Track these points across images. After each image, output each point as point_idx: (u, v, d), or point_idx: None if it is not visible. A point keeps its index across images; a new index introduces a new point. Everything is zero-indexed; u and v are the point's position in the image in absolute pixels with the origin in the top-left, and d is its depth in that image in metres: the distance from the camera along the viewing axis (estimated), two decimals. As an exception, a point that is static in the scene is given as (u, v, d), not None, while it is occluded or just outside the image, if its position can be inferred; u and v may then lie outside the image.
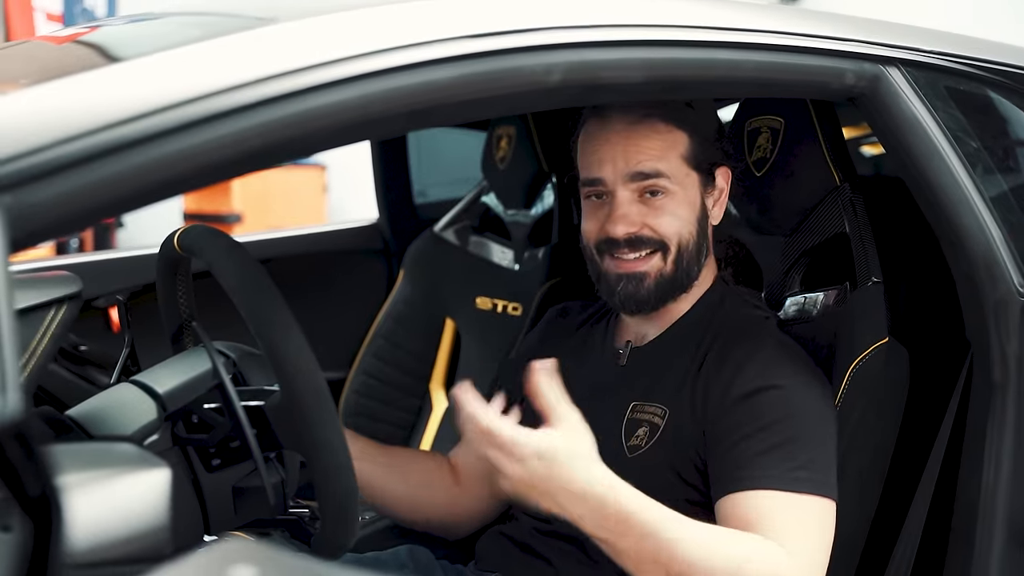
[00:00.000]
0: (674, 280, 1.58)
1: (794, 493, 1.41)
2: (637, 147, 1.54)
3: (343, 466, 1.21)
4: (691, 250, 1.58)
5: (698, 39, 1.30)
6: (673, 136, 1.56)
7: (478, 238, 2.62)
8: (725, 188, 1.63)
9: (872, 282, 1.58)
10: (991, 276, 1.50)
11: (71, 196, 0.88)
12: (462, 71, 1.12)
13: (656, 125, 1.55)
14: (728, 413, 1.48)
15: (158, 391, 1.27)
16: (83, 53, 1.26)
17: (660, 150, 1.55)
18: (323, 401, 1.19)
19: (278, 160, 1.03)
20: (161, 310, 1.49)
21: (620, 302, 1.59)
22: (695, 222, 1.58)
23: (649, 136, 1.55)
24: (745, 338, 1.56)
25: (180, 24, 1.20)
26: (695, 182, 1.58)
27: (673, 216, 1.56)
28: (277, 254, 2.69)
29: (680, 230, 1.56)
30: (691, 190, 1.58)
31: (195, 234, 1.34)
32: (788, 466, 1.42)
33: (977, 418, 1.55)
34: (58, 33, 1.61)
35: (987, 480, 1.52)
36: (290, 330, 1.19)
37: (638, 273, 1.56)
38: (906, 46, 1.51)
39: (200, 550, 0.71)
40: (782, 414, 1.46)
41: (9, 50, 1.58)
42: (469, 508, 1.79)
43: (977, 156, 1.56)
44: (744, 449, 1.45)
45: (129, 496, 0.94)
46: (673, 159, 1.55)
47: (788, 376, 1.50)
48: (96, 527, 0.88)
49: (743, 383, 1.49)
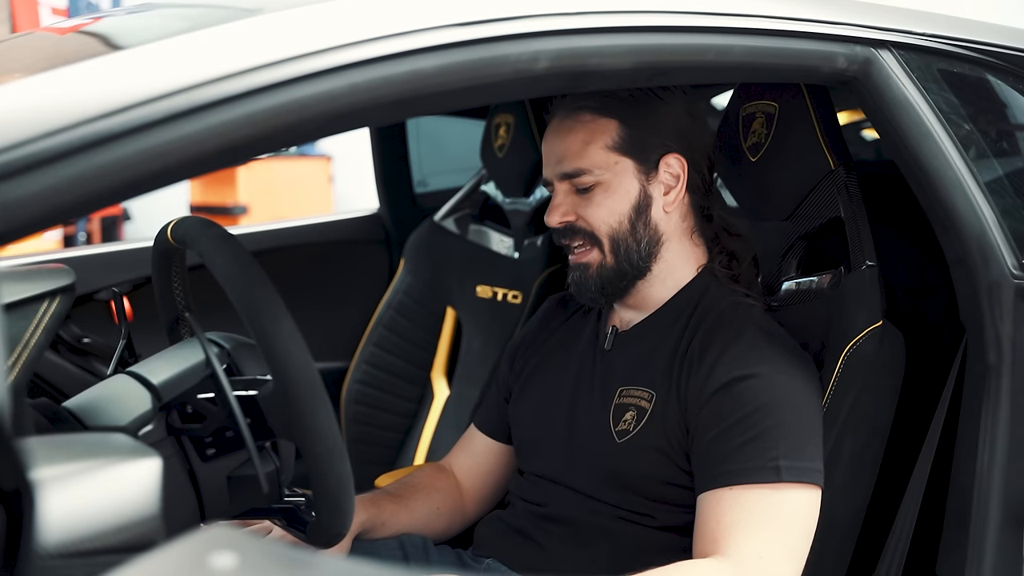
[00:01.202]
0: (617, 270, 1.60)
1: (774, 484, 1.42)
2: (562, 145, 1.59)
3: (336, 453, 1.21)
4: (626, 239, 1.59)
5: (686, 24, 1.30)
6: (597, 124, 1.58)
7: (478, 227, 2.62)
8: (681, 175, 1.61)
9: (867, 265, 1.58)
10: (984, 258, 1.49)
11: (54, 191, 0.89)
12: (448, 60, 1.11)
13: (582, 116, 1.58)
14: (708, 404, 1.49)
15: (152, 382, 1.28)
16: (68, 47, 1.26)
17: (581, 144, 1.58)
18: (314, 389, 1.19)
19: (264, 150, 1.03)
20: (157, 301, 1.50)
21: (574, 291, 1.65)
22: (629, 211, 1.59)
23: (573, 130, 1.59)
24: (727, 326, 1.56)
25: (166, 16, 1.21)
26: (629, 169, 1.58)
27: (602, 208, 1.58)
28: (278, 245, 2.70)
29: (610, 220, 1.58)
30: (624, 178, 1.58)
31: (187, 225, 1.34)
32: (766, 457, 1.43)
33: (971, 400, 1.55)
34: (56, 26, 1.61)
35: (982, 462, 1.52)
36: (281, 319, 1.19)
37: (581, 264, 1.62)
38: (898, 28, 1.51)
39: (181, 538, 0.71)
40: (760, 403, 1.46)
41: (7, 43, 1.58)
42: (476, 508, 1.83)
43: (971, 139, 1.55)
44: (721, 444, 1.46)
45: (119, 486, 0.94)
46: (596, 151, 1.57)
47: (767, 362, 1.50)
48: (86, 516, 0.89)
49: (722, 373, 1.50)
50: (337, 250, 2.77)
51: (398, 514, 1.70)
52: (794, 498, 1.43)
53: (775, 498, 1.42)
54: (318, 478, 1.23)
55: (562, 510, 1.59)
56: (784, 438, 1.44)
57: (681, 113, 1.62)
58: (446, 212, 2.66)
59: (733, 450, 1.45)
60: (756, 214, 1.78)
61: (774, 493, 1.42)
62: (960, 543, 1.54)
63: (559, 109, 1.61)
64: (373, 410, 2.61)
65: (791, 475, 1.43)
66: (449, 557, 1.69)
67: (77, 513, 0.87)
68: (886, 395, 1.58)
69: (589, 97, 1.58)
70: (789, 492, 1.43)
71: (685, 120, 1.62)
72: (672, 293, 1.64)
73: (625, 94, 1.57)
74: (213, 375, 1.26)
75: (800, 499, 1.44)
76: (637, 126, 1.58)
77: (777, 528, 1.41)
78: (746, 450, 1.44)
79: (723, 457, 1.45)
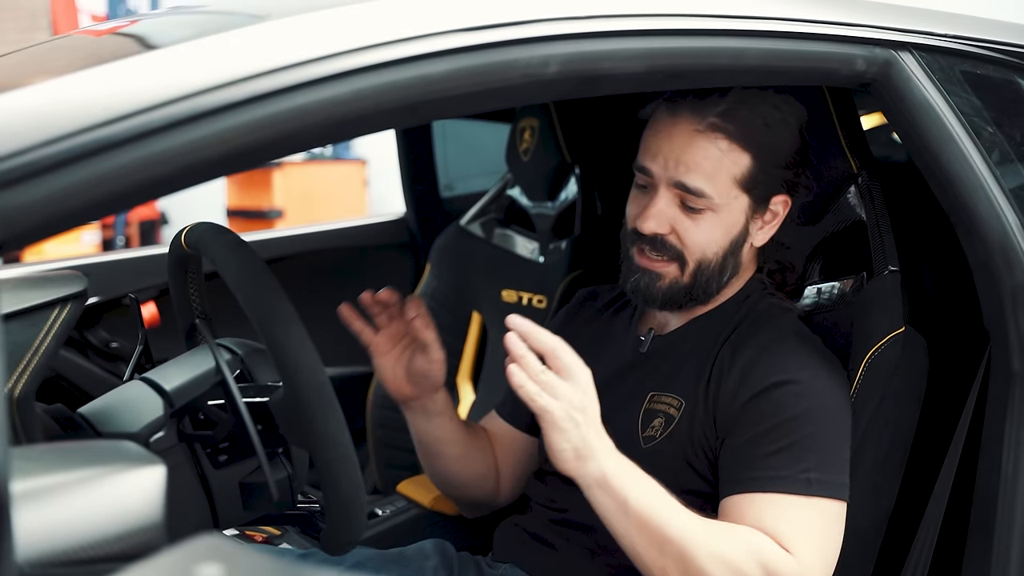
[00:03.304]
0: (689, 291, 1.56)
1: (802, 496, 1.40)
2: (691, 158, 1.50)
3: (346, 460, 1.21)
4: (712, 269, 1.55)
5: (700, 28, 1.28)
6: (734, 157, 1.51)
7: (503, 231, 2.61)
8: (781, 214, 1.58)
9: (889, 270, 1.56)
10: (1008, 263, 1.47)
11: (56, 198, 0.89)
12: (456, 65, 1.10)
13: (719, 142, 1.50)
14: (742, 408, 1.47)
15: (165, 388, 1.28)
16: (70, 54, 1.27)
17: (713, 169, 1.50)
18: (324, 396, 1.19)
19: (269, 157, 1.03)
20: (174, 307, 1.51)
21: (631, 290, 1.60)
22: (727, 244, 1.55)
23: (708, 151, 1.50)
24: (763, 330, 1.54)
25: (173, 23, 1.21)
26: (743, 206, 1.54)
27: (703, 233, 1.53)
28: (305, 249, 2.71)
29: (706, 249, 1.54)
30: (735, 213, 1.54)
31: (200, 231, 1.34)
32: (798, 468, 1.41)
33: (996, 408, 1.53)
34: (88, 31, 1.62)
35: (1006, 471, 1.49)
36: (291, 326, 1.19)
37: (654, 272, 1.56)
38: (919, 30, 1.49)
39: (169, 548, 0.71)
40: (795, 412, 1.44)
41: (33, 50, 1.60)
42: (503, 475, 1.82)
43: (994, 142, 1.53)
44: (754, 448, 1.44)
45: (122, 493, 0.94)
46: (723, 180, 1.51)
47: (805, 370, 1.48)
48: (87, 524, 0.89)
49: (758, 378, 1.47)
50: (364, 254, 2.77)
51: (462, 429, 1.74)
52: (823, 512, 1.41)
53: (804, 510, 1.40)
54: (329, 485, 1.23)
55: (581, 516, 1.58)
56: (817, 450, 1.42)
57: (796, 138, 1.56)
58: (472, 216, 2.65)
59: (765, 456, 1.43)
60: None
61: (803, 505, 1.40)
62: (984, 552, 1.51)
63: (694, 114, 1.51)
64: (399, 414, 2.59)
65: (821, 488, 1.41)
66: (470, 564, 1.68)
67: (78, 521, 0.88)
68: (909, 402, 1.55)
69: (726, 116, 1.50)
70: (818, 504, 1.41)
71: (797, 145, 1.56)
72: (719, 303, 1.62)
73: (760, 122, 1.51)
74: (223, 382, 1.26)
75: (828, 513, 1.42)
76: (764, 161, 1.53)
77: (806, 539, 1.39)
78: (779, 457, 1.42)
79: (754, 461, 1.43)
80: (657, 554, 1.35)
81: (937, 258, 1.74)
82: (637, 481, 1.36)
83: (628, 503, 1.34)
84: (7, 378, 1.10)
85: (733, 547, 1.35)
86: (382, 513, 2.04)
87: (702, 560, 1.34)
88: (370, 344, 1.61)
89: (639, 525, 1.35)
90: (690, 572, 1.34)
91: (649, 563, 1.36)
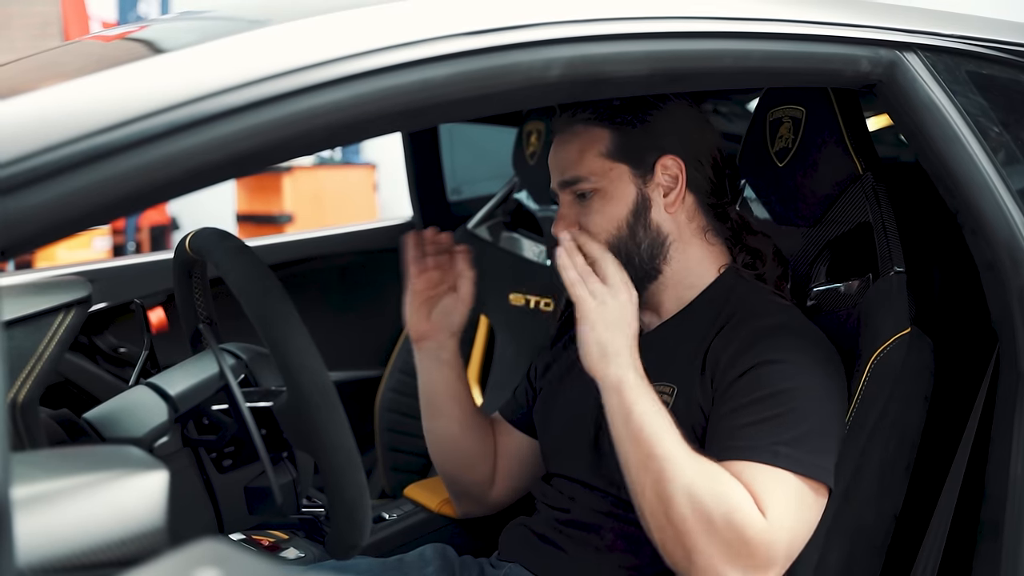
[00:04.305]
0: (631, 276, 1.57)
1: (768, 465, 1.40)
2: (559, 156, 1.64)
3: (350, 464, 1.21)
4: (627, 243, 1.59)
5: (702, 30, 1.28)
6: (590, 134, 1.61)
7: (510, 234, 2.61)
8: (679, 175, 1.61)
9: (894, 272, 1.55)
10: (1014, 263, 1.46)
11: (60, 203, 0.89)
12: (458, 69, 1.10)
13: (575, 128, 1.62)
14: (730, 385, 1.48)
15: (170, 393, 1.29)
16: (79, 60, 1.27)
17: (577, 153, 1.61)
18: (327, 400, 1.19)
19: (270, 162, 1.03)
20: (179, 312, 1.51)
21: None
22: (628, 215, 1.60)
23: (569, 141, 1.63)
24: (757, 318, 1.55)
25: (174, 30, 1.21)
26: (624, 175, 1.60)
27: (600, 214, 1.60)
28: (312, 253, 2.71)
29: (608, 226, 1.59)
30: (622, 184, 1.60)
31: (203, 237, 1.35)
32: (771, 439, 1.41)
33: (1004, 408, 1.52)
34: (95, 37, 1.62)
35: (1015, 472, 1.48)
36: (294, 330, 1.19)
37: None
38: (924, 30, 1.48)
39: (167, 553, 0.71)
40: (780, 388, 1.45)
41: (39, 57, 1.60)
42: (499, 470, 1.85)
43: (1000, 142, 1.52)
44: (735, 419, 1.45)
45: (123, 499, 0.94)
46: (591, 159, 1.60)
47: (794, 351, 1.49)
48: (88, 530, 0.89)
49: (749, 358, 1.48)
50: (371, 258, 2.78)
51: (467, 392, 1.81)
52: (788, 484, 1.40)
53: (770, 480, 1.39)
54: (333, 489, 1.23)
55: (586, 515, 1.59)
56: (794, 427, 1.42)
57: (676, 116, 1.63)
58: (479, 220, 2.66)
59: (743, 427, 1.43)
60: (784, 220, 1.75)
61: (769, 474, 1.39)
62: (994, 554, 1.50)
63: (557, 123, 1.65)
64: (407, 418, 2.60)
65: (789, 463, 1.40)
66: (474, 567, 1.68)
67: (79, 526, 0.88)
68: (915, 403, 1.55)
69: (583, 109, 1.60)
70: (783, 477, 1.40)
71: (681, 122, 1.63)
72: (695, 293, 1.64)
73: (617, 102, 1.60)
74: (227, 386, 1.26)
75: (796, 488, 1.40)
76: (629, 132, 1.60)
77: (776, 508, 1.38)
78: (757, 427, 1.43)
79: (733, 432, 1.44)
80: (641, 470, 1.40)
81: (944, 258, 1.73)
82: (649, 401, 1.43)
83: (632, 413, 1.41)
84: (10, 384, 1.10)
85: (710, 490, 1.37)
86: (388, 517, 2.04)
87: (674, 489, 1.37)
88: (411, 274, 1.73)
89: (634, 437, 1.41)
90: (661, 497, 1.38)
91: (633, 477, 1.42)
